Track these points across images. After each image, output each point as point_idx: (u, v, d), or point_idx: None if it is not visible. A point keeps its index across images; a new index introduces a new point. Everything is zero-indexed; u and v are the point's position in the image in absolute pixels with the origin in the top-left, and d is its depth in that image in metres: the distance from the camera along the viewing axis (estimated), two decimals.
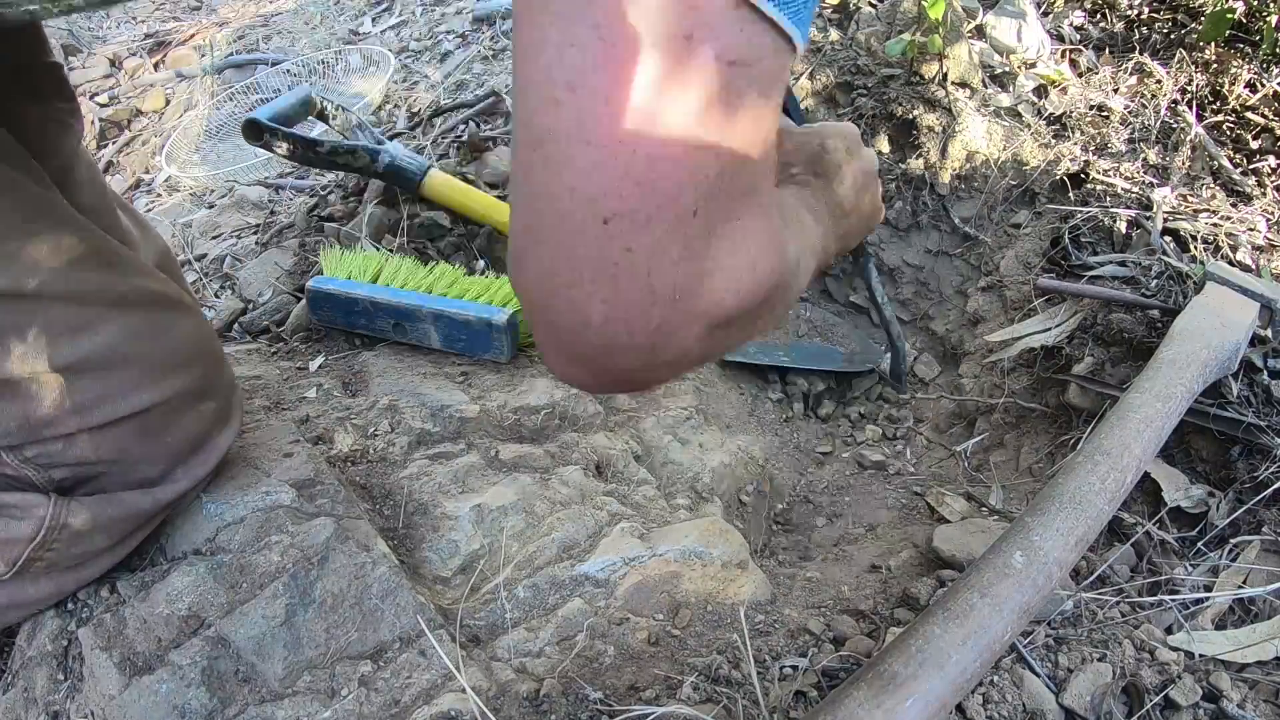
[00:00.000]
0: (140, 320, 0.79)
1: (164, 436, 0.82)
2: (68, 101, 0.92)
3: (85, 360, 0.74)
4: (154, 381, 0.79)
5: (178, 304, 0.84)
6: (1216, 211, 1.43)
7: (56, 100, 0.89)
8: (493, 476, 1.05)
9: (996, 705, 0.76)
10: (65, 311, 0.73)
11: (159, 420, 0.81)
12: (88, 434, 0.76)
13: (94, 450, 0.77)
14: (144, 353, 0.78)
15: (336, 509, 0.94)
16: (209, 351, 0.88)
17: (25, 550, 0.76)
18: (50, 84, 0.89)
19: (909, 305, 1.82)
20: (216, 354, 0.90)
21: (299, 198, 1.87)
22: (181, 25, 3.35)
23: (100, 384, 0.75)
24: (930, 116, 1.71)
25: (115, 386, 0.76)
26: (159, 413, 0.80)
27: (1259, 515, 1.00)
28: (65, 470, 0.77)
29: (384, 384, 1.20)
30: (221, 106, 2.32)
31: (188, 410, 0.84)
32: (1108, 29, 1.98)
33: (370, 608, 0.83)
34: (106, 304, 0.76)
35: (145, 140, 2.66)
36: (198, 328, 0.86)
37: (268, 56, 2.66)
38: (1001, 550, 0.76)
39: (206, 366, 0.86)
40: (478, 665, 0.82)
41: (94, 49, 3.30)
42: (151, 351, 0.79)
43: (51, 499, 0.77)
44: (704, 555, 0.97)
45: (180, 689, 0.74)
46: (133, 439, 0.79)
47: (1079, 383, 1.26)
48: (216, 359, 0.89)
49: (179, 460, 0.85)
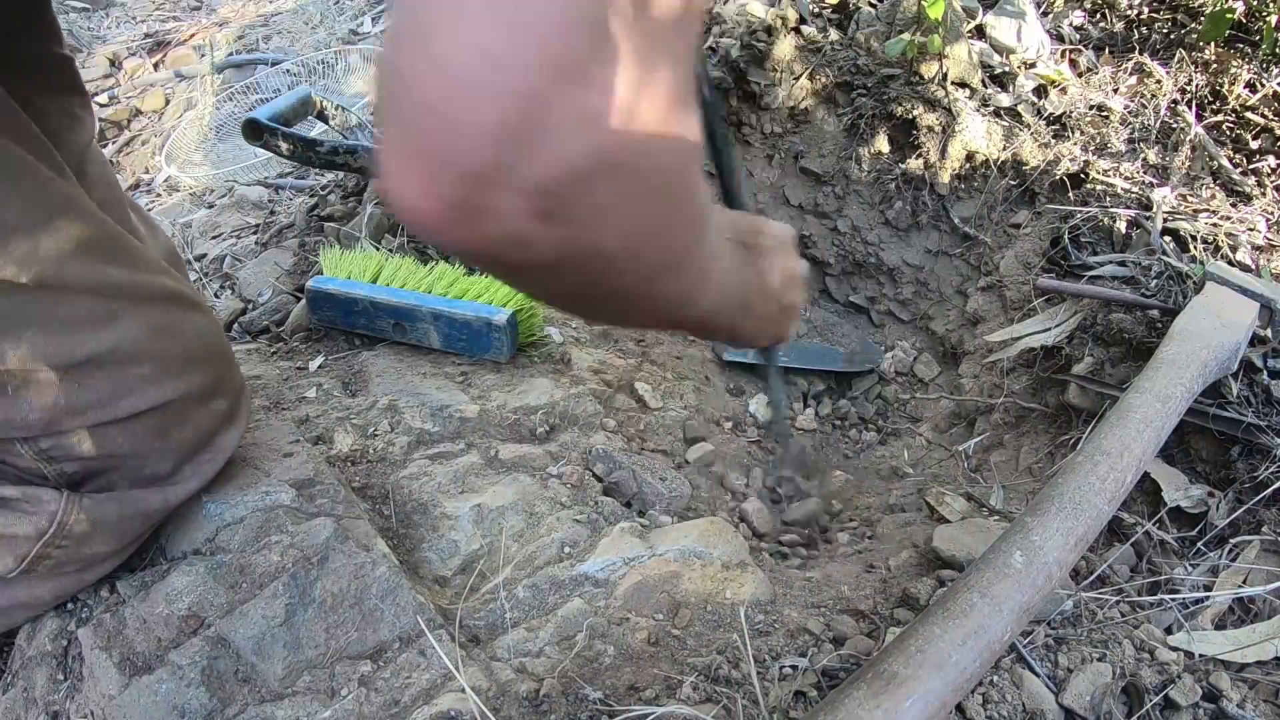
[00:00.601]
0: (159, 316, 0.79)
1: (176, 434, 0.82)
2: (79, 95, 0.91)
3: (105, 354, 0.74)
4: (170, 378, 0.79)
5: (192, 302, 0.84)
6: (1216, 211, 1.43)
7: (67, 93, 0.89)
8: (492, 476, 1.05)
9: (996, 705, 0.76)
10: (87, 304, 0.73)
11: (172, 417, 0.81)
12: (103, 428, 0.76)
13: (108, 445, 0.77)
14: (161, 349, 0.79)
15: (336, 509, 0.94)
16: (220, 350, 0.88)
17: (34, 547, 0.76)
18: (61, 77, 0.88)
19: (909, 305, 1.82)
20: (227, 353, 0.90)
21: (299, 198, 1.87)
22: (181, 25, 3.35)
23: (118, 378, 0.76)
24: (930, 116, 1.71)
25: (133, 381, 0.77)
26: (172, 410, 0.80)
27: (1259, 515, 1.00)
28: (77, 464, 0.77)
29: (384, 384, 1.20)
30: (221, 106, 2.32)
31: (199, 408, 0.84)
32: (1107, 29, 1.98)
33: (370, 608, 0.83)
34: (127, 299, 0.76)
35: (145, 140, 2.66)
36: (210, 326, 0.86)
37: (268, 56, 2.66)
38: (1001, 550, 0.76)
39: (218, 365, 0.87)
40: (477, 665, 0.82)
41: (94, 49, 3.30)
42: (168, 348, 0.79)
43: (63, 494, 0.77)
44: (704, 555, 0.97)
45: (180, 689, 0.74)
46: (145, 435, 0.80)
47: (1079, 383, 1.26)
48: (227, 358, 0.90)
49: (187, 458, 0.85)
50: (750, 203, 1.86)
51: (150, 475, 0.82)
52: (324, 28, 2.89)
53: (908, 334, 1.83)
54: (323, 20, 2.97)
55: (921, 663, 0.66)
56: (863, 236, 1.85)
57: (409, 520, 0.99)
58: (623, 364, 1.37)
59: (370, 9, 2.91)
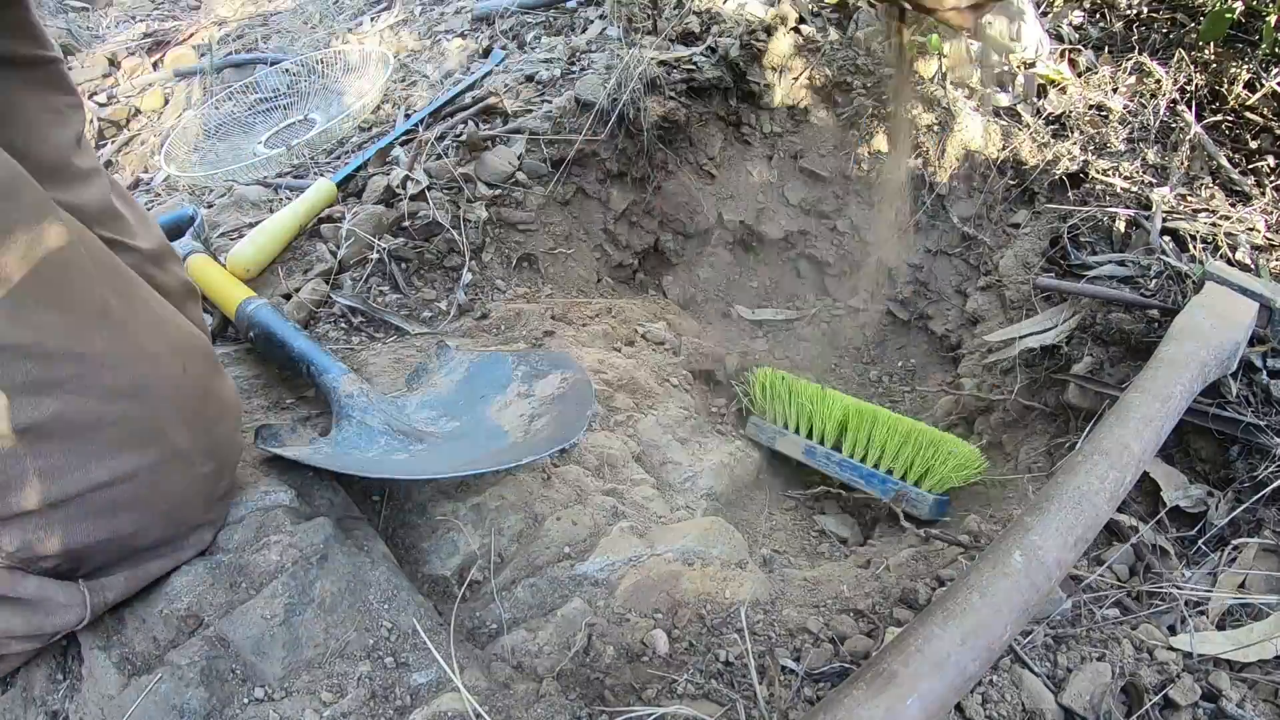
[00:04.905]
0: (121, 376, 0.70)
1: (152, 506, 0.75)
2: (67, 95, 0.87)
3: (47, 423, 0.65)
4: (132, 447, 0.71)
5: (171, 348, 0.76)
6: (1215, 211, 1.43)
7: (53, 93, 0.85)
8: (491, 476, 1.05)
9: (995, 705, 0.76)
10: (24, 367, 0.64)
11: (142, 487, 0.73)
12: (62, 506, 0.68)
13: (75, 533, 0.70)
14: (121, 414, 0.70)
15: (335, 509, 0.94)
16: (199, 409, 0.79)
17: (62, 631, 0.75)
18: (47, 77, 0.85)
19: (908, 305, 1.82)
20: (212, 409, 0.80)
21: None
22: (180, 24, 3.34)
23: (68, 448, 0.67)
24: (929, 116, 1.71)
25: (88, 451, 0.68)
26: (141, 480, 0.73)
27: (1258, 515, 1.00)
28: (54, 561, 0.71)
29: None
30: (220, 106, 2.32)
31: (178, 472, 0.77)
32: (1107, 28, 1.98)
33: (369, 608, 0.83)
34: (72, 360, 0.66)
35: (144, 139, 2.66)
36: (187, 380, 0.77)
37: (266, 56, 2.66)
38: (1001, 550, 0.76)
39: (197, 426, 0.78)
40: (477, 665, 0.82)
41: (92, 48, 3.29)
42: (130, 412, 0.71)
43: (85, 595, 0.74)
44: (703, 554, 0.97)
45: (179, 689, 0.74)
46: (115, 510, 0.72)
47: (1078, 382, 1.26)
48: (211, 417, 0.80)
49: (179, 530, 0.80)
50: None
51: (143, 549, 0.77)
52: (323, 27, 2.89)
53: (907, 333, 1.83)
54: (322, 20, 2.96)
55: (921, 662, 0.66)
56: (862, 236, 1.85)
57: (408, 520, 0.99)
58: (623, 363, 1.37)
59: (369, 8, 2.91)
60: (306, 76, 2.35)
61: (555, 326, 1.40)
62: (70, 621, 0.74)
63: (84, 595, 0.74)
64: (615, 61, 1.74)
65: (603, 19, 2.09)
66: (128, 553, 0.77)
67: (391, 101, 2.09)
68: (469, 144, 1.63)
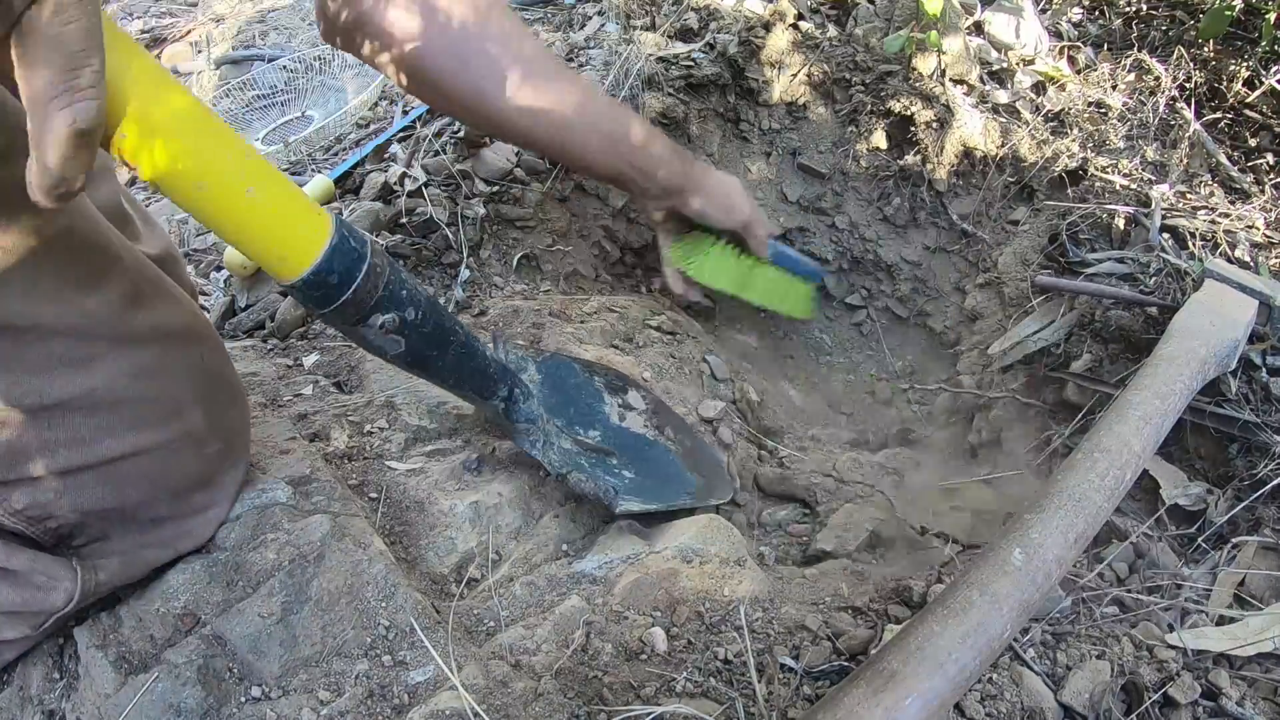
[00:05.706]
0: (146, 358, 0.73)
1: (164, 481, 0.78)
2: None
3: (79, 399, 0.69)
4: (152, 424, 0.74)
5: (188, 336, 0.79)
6: (1215, 208, 1.43)
7: None
8: (489, 474, 1.05)
9: (995, 703, 0.75)
10: (60, 346, 0.67)
11: (157, 463, 0.76)
12: (77, 474, 0.71)
13: (86, 496, 0.72)
14: (144, 392, 0.74)
15: (333, 506, 0.93)
16: (215, 392, 0.82)
17: (51, 619, 0.75)
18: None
19: (906, 302, 1.82)
20: (225, 393, 0.84)
21: None
22: (178, 22, 3.33)
23: (93, 422, 0.70)
24: (927, 112, 1.71)
25: (110, 425, 0.72)
26: (158, 455, 0.76)
27: (1258, 512, 1.00)
28: (59, 521, 0.73)
29: (380, 380, 1.20)
30: (219, 103, 2.31)
31: (190, 453, 0.79)
32: (1106, 25, 1.98)
33: (367, 605, 0.83)
34: (107, 339, 0.71)
35: None
36: (205, 363, 0.81)
37: (264, 53, 2.65)
38: (1000, 547, 0.76)
39: (213, 407, 0.81)
40: (475, 663, 0.81)
41: None
42: (152, 391, 0.74)
43: (77, 571, 0.75)
44: (702, 552, 0.96)
45: (176, 687, 0.74)
46: (127, 482, 0.75)
47: (1077, 380, 1.26)
48: (225, 398, 0.84)
49: (185, 507, 0.81)
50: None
51: (144, 522, 0.78)
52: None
53: (907, 332, 1.83)
54: None
55: (921, 660, 0.66)
56: (860, 233, 1.85)
57: (405, 518, 0.99)
58: (621, 361, 1.36)
59: None
60: (304, 73, 2.34)
61: (552, 323, 1.39)
62: (59, 601, 0.74)
63: (75, 571, 0.75)
64: (613, 58, 1.74)
65: (601, 15, 2.08)
66: (129, 526, 0.78)
67: (389, 98, 2.09)
68: (467, 140, 1.63)
